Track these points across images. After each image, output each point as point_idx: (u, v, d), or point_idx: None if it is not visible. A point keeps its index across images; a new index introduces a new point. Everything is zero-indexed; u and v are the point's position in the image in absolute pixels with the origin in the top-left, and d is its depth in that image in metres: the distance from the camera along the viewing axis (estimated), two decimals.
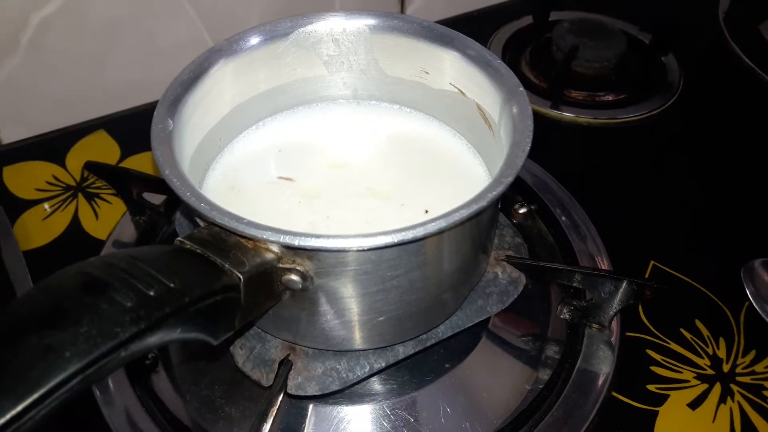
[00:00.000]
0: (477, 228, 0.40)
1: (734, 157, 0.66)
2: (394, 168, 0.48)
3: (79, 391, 0.25)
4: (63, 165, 0.65)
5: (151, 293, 0.28)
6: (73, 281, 0.28)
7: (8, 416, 0.23)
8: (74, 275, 0.28)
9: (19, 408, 0.24)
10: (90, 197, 0.62)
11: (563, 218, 0.57)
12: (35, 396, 0.24)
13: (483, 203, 0.34)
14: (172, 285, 0.29)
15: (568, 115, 0.69)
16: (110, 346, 0.26)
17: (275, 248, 0.35)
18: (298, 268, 0.35)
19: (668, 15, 0.83)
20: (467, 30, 0.47)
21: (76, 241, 0.58)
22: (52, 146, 0.67)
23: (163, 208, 0.57)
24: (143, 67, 0.71)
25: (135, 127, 0.69)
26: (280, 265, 0.35)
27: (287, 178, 0.46)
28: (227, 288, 0.32)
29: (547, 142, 0.65)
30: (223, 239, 0.34)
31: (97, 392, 0.47)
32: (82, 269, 0.29)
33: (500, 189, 0.35)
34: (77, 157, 0.66)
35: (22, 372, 0.24)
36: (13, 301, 0.28)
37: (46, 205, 0.61)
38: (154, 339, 0.28)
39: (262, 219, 0.34)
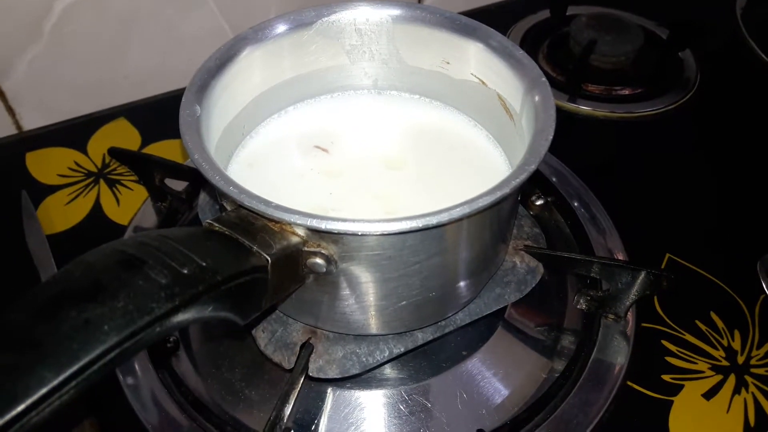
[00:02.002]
0: (498, 216, 0.40)
1: (750, 152, 0.67)
2: (414, 156, 0.49)
3: (117, 363, 0.26)
4: (84, 151, 0.66)
5: (185, 271, 0.29)
6: (109, 258, 0.29)
7: (50, 386, 0.24)
8: (110, 253, 0.29)
9: (61, 378, 0.24)
10: (111, 183, 0.63)
11: (580, 210, 0.58)
12: (75, 367, 0.25)
13: (506, 190, 0.34)
14: (204, 264, 0.30)
15: (585, 108, 0.70)
16: (146, 321, 0.27)
17: (301, 231, 0.35)
18: (323, 251, 0.36)
19: (686, 11, 0.83)
20: (485, 23, 0.47)
21: (97, 226, 0.59)
22: (73, 133, 0.68)
23: (185, 195, 0.58)
24: (163, 55, 0.72)
25: (155, 114, 0.70)
26: (306, 249, 0.36)
27: (323, 149, 0.47)
28: (256, 269, 0.33)
29: (564, 135, 0.65)
30: (251, 222, 0.35)
31: (120, 374, 0.48)
32: (117, 247, 0.29)
33: (523, 176, 0.35)
34: (98, 143, 0.67)
35: (62, 344, 0.25)
36: (51, 277, 0.28)
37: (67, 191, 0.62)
38: (187, 316, 0.28)
39: (279, 195, 0.34)
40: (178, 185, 0.59)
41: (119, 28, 0.68)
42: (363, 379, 0.47)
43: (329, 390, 0.46)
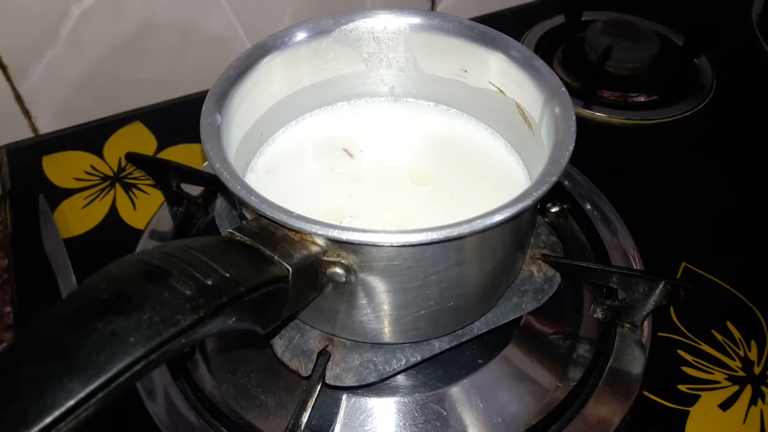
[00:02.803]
0: (518, 226, 0.40)
1: (766, 159, 0.66)
2: (432, 164, 0.49)
3: (143, 375, 0.26)
4: (101, 155, 0.66)
5: (209, 282, 0.29)
6: (134, 269, 0.29)
7: (78, 398, 0.24)
8: (135, 264, 0.29)
9: (88, 390, 0.24)
10: (127, 187, 0.63)
11: (596, 218, 0.58)
12: (102, 379, 0.25)
13: (528, 202, 0.34)
14: (228, 275, 0.30)
15: (600, 115, 0.70)
16: (172, 333, 0.27)
17: (321, 241, 0.35)
18: (343, 261, 0.36)
19: (702, 17, 0.83)
20: (499, 29, 0.47)
21: (114, 230, 0.60)
22: (89, 136, 0.69)
23: (201, 200, 0.58)
24: (178, 60, 0.72)
25: (171, 118, 0.71)
26: (325, 258, 0.36)
27: (348, 153, 0.47)
28: (277, 279, 0.33)
29: (579, 142, 0.65)
30: (272, 231, 0.35)
31: None
32: (142, 258, 0.30)
33: (545, 188, 0.35)
34: (115, 147, 0.67)
35: (89, 356, 0.25)
36: (76, 288, 0.29)
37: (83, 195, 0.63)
38: (211, 327, 0.28)
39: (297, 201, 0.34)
40: (194, 190, 0.59)
41: (135, 32, 0.69)
42: (378, 386, 0.46)
43: (344, 397, 0.47)
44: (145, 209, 0.61)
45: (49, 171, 0.65)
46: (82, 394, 0.24)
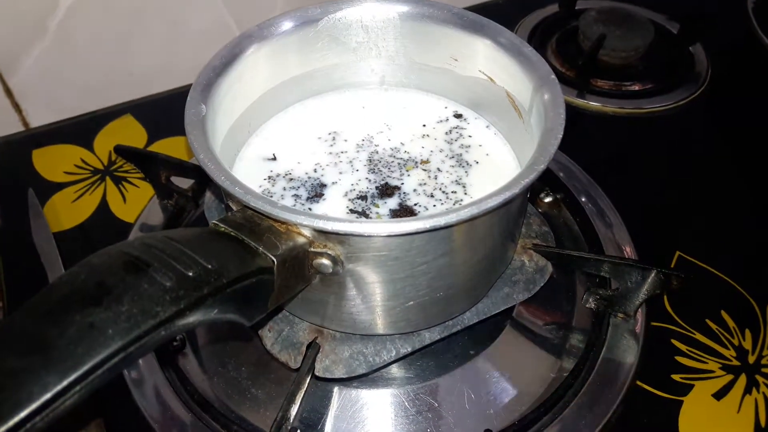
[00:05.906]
0: (507, 215, 0.40)
1: (762, 147, 0.66)
2: (421, 153, 0.48)
3: (122, 367, 0.26)
4: (91, 149, 0.66)
5: (190, 274, 0.29)
6: (114, 261, 0.28)
7: (54, 391, 0.24)
8: (115, 255, 0.29)
9: (65, 383, 0.24)
10: (118, 181, 0.63)
11: (589, 207, 0.57)
12: (80, 372, 0.25)
13: (515, 190, 0.34)
14: (209, 266, 0.29)
15: (594, 104, 0.69)
16: (151, 325, 0.27)
17: (307, 232, 0.35)
18: (329, 252, 0.36)
19: (697, 4, 0.82)
20: (493, 18, 0.47)
21: (104, 223, 0.59)
22: (79, 130, 0.68)
23: (191, 192, 0.58)
24: (169, 52, 0.72)
25: (161, 111, 0.70)
26: (312, 249, 0.36)
27: (339, 142, 0.47)
28: (261, 270, 0.32)
29: (572, 131, 0.64)
30: (257, 223, 0.35)
31: (126, 372, 0.48)
32: (122, 249, 0.29)
33: (533, 176, 0.35)
34: (105, 141, 0.67)
35: (67, 348, 0.25)
36: (57, 279, 0.28)
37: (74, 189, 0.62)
38: (192, 319, 0.28)
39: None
40: (184, 183, 0.58)
41: (125, 24, 0.68)
42: (370, 378, 0.46)
43: (336, 389, 0.46)
44: (136, 202, 0.60)
45: (40, 165, 0.65)
46: (59, 387, 0.24)
